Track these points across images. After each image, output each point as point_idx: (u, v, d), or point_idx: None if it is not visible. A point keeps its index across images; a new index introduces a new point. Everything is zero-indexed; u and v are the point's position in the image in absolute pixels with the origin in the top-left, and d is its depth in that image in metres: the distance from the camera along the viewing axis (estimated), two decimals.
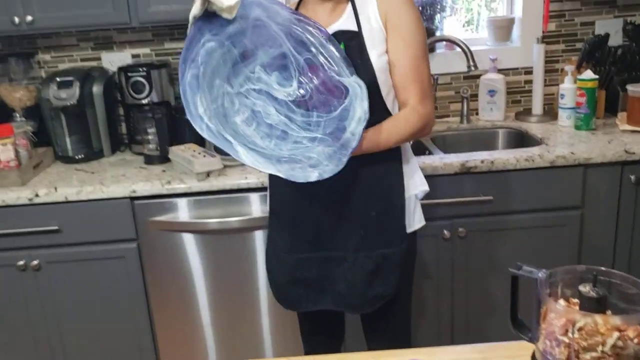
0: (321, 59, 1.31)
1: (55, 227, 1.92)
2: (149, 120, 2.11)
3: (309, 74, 1.31)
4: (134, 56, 2.39)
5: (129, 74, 2.16)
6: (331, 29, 1.40)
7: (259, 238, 1.98)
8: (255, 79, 1.28)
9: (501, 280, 2.05)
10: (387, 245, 1.45)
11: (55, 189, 1.90)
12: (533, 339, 0.88)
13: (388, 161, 1.44)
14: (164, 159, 2.10)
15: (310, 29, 1.32)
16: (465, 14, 2.66)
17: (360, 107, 1.28)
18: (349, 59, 1.34)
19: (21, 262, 1.95)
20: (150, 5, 2.02)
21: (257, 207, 1.94)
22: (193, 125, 1.20)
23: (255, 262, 2.00)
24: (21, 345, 2.05)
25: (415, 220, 1.51)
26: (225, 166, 1.98)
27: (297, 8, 1.48)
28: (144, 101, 2.19)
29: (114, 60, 2.37)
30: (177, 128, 2.18)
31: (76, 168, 2.15)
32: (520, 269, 0.89)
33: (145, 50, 2.39)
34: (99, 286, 2.00)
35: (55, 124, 2.21)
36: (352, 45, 1.38)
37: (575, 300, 0.86)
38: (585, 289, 0.82)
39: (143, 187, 1.91)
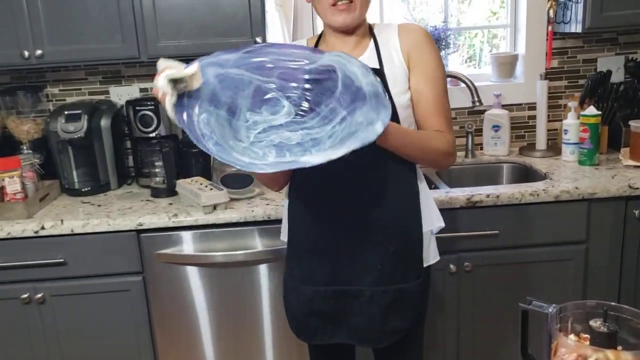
0: (288, 64, 1.30)
1: (61, 260, 1.91)
2: (156, 153, 2.13)
3: (289, 84, 1.30)
4: (142, 90, 2.43)
5: (137, 108, 2.19)
6: None
7: (264, 272, 1.97)
8: (252, 124, 1.26)
9: (507, 315, 2.03)
10: (405, 280, 1.44)
11: (62, 221, 1.91)
12: None
13: (408, 197, 1.44)
14: (170, 192, 2.12)
15: (262, 51, 1.31)
16: (467, 50, 2.71)
17: (353, 64, 1.25)
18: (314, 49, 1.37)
19: (25, 295, 1.94)
20: (160, 40, 2.06)
21: (262, 240, 1.94)
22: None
23: (260, 296, 1.99)
24: None
25: (430, 255, 1.51)
26: (231, 199, 1.98)
27: (316, 45, 1.50)
28: (152, 134, 2.21)
29: (122, 94, 2.41)
30: (184, 161, 2.20)
31: (83, 201, 2.15)
32: (530, 303, 0.88)
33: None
34: (103, 319, 1.99)
35: (63, 157, 2.23)
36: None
37: (586, 335, 0.86)
38: (596, 324, 0.82)
39: (150, 220, 1.91)
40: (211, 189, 1.96)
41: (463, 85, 2.38)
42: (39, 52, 2.04)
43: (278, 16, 2.23)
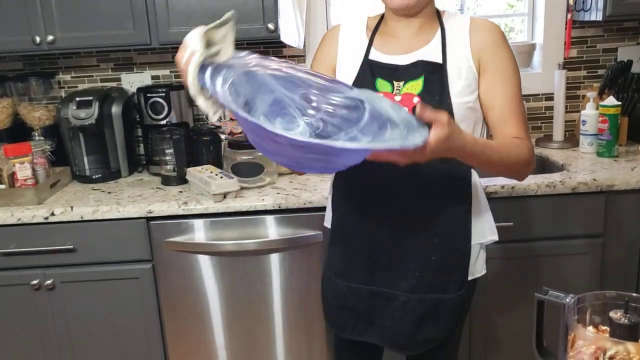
0: (313, 89, 1.22)
1: (71, 247, 1.91)
2: (167, 141, 2.11)
3: (310, 105, 1.22)
4: (153, 77, 2.42)
5: (148, 95, 2.17)
6: (414, 56, 1.33)
7: (274, 261, 1.95)
8: None
9: (521, 308, 1.99)
10: (444, 291, 1.37)
11: (72, 208, 1.90)
12: None
13: (458, 205, 1.36)
14: (181, 180, 2.10)
15: (295, 67, 1.23)
16: None
17: (384, 101, 1.16)
18: (426, 93, 1.28)
19: (35, 282, 1.93)
20: (171, 27, 2.03)
21: (273, 229, 1.92)
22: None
23: (271, 285, 1.97)
24: None
25: (477, 268, 1.43)
26: (242, 188, 1.96)
27: (375, 30, 1.40)
28: (163, 122, 2.19)
29: (133, 81, 2.40)
30: (195, 149, 2.18)
31: (93, 188, 2.15)
32: (547, 293, 0.85)
33: (165, 71, 2.41)
34: (112, 307, 1.98)
35: (74, 144, 2.22)
36: (433, 79, 1.30)
37: (605, 328, 0.83)
38: (616, 315, 0.79)
39: (159, 208, 1.90)
40: (222, 177, 1.93)
41: None
42: (50, 37, 2.03)
43: (291, 2, 2.19)
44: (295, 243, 1.92)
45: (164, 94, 2.16)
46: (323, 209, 1.88)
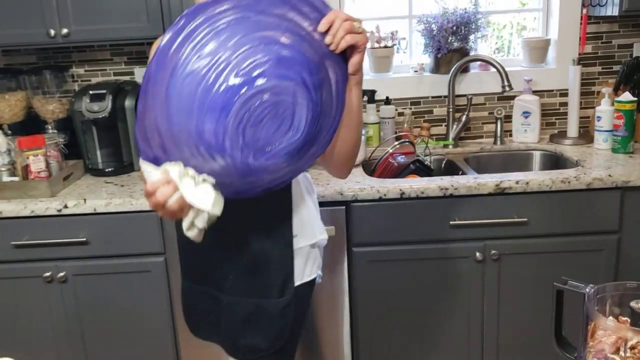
0: None
1: (83, 239, 1.91)
2: None
3: None
4: None
5: None
6: None
7: None
8: None
9: (534, 305, 1.97)
10: (263, 295, 1.31)
11: (84, 200, 1.90)
12: (579, 358, 0.83)
13: (274, 207, 1.29)
14: None
15: None
16: (496, 41, 2.64)
17: None
18: None
19: (47, 274, 1.94)
20: None
21: None
22: None
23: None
24: (44, 357, 2.03)
25: (306, 272, 1.37)
26: None
27: None
28: None
29: None
30: None
31: (106, 181, 2.15)
32: (566, 283, 0.84)
33: None
34: (124, 299, 1.98)
35: (87, 137, 2.22)
36: None
37: (625, 319, 0.81)
38: (638, 305, 0.77)
39: None
40: None
41: (493, 70, 2.31)
42: (65, 30, 2.04)
43: None
44: None
45: None
46: (335, 203, 1.89)
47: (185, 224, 1.03)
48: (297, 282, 1.35)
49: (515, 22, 2.63)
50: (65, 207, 1.89)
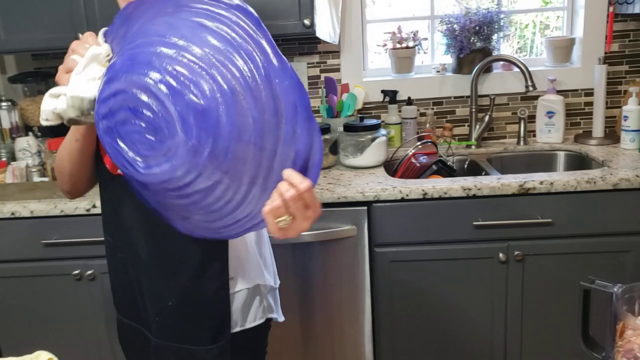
0: None
1: (110, 239, 1.94)
2: None
3: None
4: None
5: None
6: None
7: (309, 254, 1.96)
8: None
9: (559, 306, 1.96)
10: (194, 342, 1.18)
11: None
12: (607, 358, 0.83)
13: (208, 244, 1.12)
14: None
15: None
16: (518, 40, 2.63)
17: None
18: None
19: (76, 272, 1.98)
20: None
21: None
22: None
23: (305, 278, 1.98)
24: (73, 352, 2.07)
25: (249, 317, 1.25)
26: None
27: None
28: None
29: None
30: None
31: None
32: (593, 283, 0.83)
33: None
34: None
35: None
36: None
37: None
38: None
39: None
40: None
41: (516, 70, 2.30)
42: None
43: None
44: (329, 237, 1.93)
45: None
46: (357, 203, 1.90)
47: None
48: (237, 329, 1.23)
49: (538, 21, 2.61)
50: (94, 206, 1.93)
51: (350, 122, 2.20)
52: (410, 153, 2.15)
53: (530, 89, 2.21)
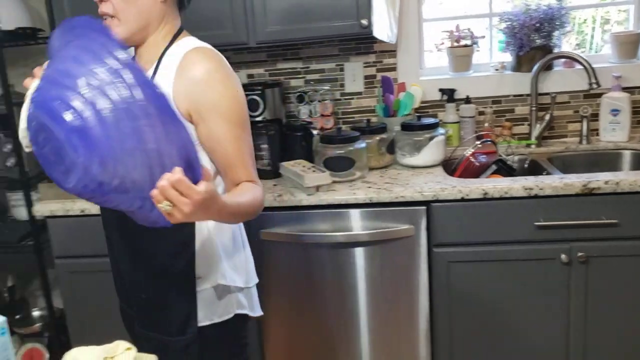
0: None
1: None
2: (262, 136, 2.18)
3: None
4: (248, 76, 2.50)
5: (245, 93, 2.24)
6: None
7: (365, 254, 1.97)
8: None
9: (625, 309, 1.89)
10: (164, 332, 1.31)
11: None
12: None
13: (176, 245, 1.27)
14: (275, 174, 2.16)
15: None
16: (576, 36, 2.55)
17: None
18: None
19: None
20: (268, 26, 2.10)
21: (362, 223, 1.94)
22: None
23: (360, 278, 1.99)
24: None
25: (217, 312, 1.33)
26: (334, 181, 2.00)
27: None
28: (258, 119, 2.26)
29: None
30: (288, 144, 2.23)
31: None
32: None
33: (259, 70, 2.49)
34: None
35: None
36: None
37: None
38: None
39: None
40: (314, 171, 1.98)
41: (578, 67, 2.24)
42: None
43: None
44: (387, 236, 1.93)
45: (260, 92, 2.23)
46: (415, 203, 1.89)
47: None
48: (205, 323, 1.32)
49: (599, 16, 2.53)
50: None
51: (407, 121, 2.19)
52: (469, 152, 2.13)
53: (594, 86, 2.14)
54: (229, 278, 1.34)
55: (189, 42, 1.29)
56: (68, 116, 0.93)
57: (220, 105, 1.22)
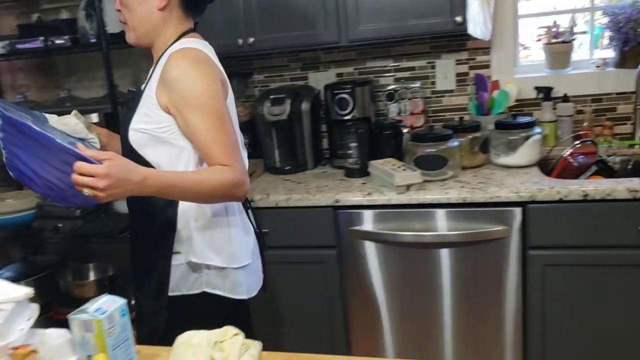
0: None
1: (266, 230, 2.06)
2: (351, 135, 2.19)
3: None
4: (338, 75, 2.52)
5: (335, 92, 2.28)
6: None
7: (448, 255, 1.94)
8: None
9: None
10: (145, 297, 1.54)
11: (268, 195, 2.06)
12: None
13: (159, 225, 1.48)
14: (363, 172, 2.17)
15: None
16: None
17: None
18: (124, 118, 1.50)
19: None
20: (360, 24, 2.11)
21: (451, 223, 1.91)
22: None
23: (442, 278, 1.97)
24: None
25: (185, 285, 1.50)
26: (425, 181, 1.98)
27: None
28: (347, 117, 2.28)
29: (319, 79, 2.52)
30: (376, 143, 2.23)
31: (283, 178, 2.30)
32: None
33: (349, 69, 2.50)
34: (299, 287, 2.11)
35: (267, 138, 2.40)
36: (130, 105, 1.50)
37: None
38: None
39: (345, 198, 1.98)
40: (404, 170, 1.97)
41: None
42: (251, 40, 2.22)
43: None
44: (478, 237, 1.89)
45: (349, 91, 2.25)
46: (510, 204, 1.84)
47: None
48: (175, 293, 1.50)
49: None
50: (252, 201, 2.06)
51: (502, 119, 2.14)
52: (567, 152, 2.05)
53: None
54: (200, 256, 1.49)
55: (182, 44, 1.45)
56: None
57: (191, 98, 1.37)
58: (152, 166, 1.42)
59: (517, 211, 1.85)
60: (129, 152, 1.43)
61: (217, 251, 1.50)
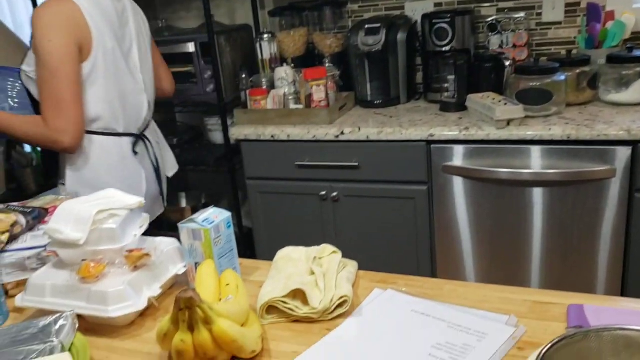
0: None
1: (356, 164, 2.06)
2: (449, 67, 2.11)
3: None
4: (436, 4, 2.41)
5: (434, 21, 2.18)
6: None
7: (548, 194, 1.86)
8: None
9: None
10: None
11: (359, 128, 2.04)
12: None
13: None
14: (460, 106, 2.09)
15: None
16: None
17: None
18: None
19: (323, 192, 2.14)
20: None
21: (550, 162, 1.82)
22: None
23: (532, 218, 1.90)
24: None
25: None
26: (527, 116, 1.88)
27: None
28: (445, 48, 2.19)
29: (416, 9, 2.42)
30: (475, 76, 2.14)
31: (375, 112, 2.27)
32: None
33: None
34: (387, 222, 2.11)
35: (359, 71, 2.35)
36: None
37: None
38: None
39: (441, 132, 1.93)
40: (505, 104, 1.88)
41: None
42: None
43: None
44: (582, 177, 1.80)
45: (449, 20, 2.15)
46: (619, 142, 1.72)
47: None
48: None
49: None
50: (342, 133, 2.05)
51: (615, 53, 1.97)
52: None
53: None
54: (69, 189, 1.66)
55: None
56: None
57: (36, 49, 1.52)
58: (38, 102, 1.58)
59: (626, 151, 1.73)
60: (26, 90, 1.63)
61: (82, 183, 1.69)
